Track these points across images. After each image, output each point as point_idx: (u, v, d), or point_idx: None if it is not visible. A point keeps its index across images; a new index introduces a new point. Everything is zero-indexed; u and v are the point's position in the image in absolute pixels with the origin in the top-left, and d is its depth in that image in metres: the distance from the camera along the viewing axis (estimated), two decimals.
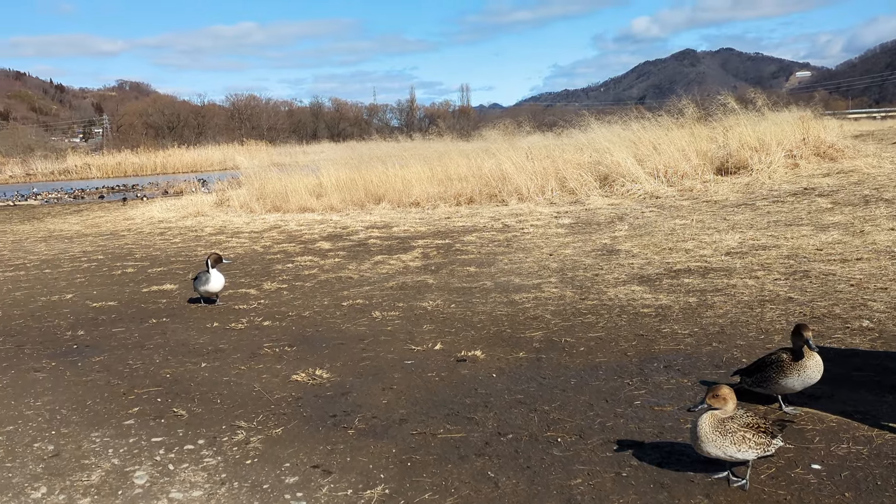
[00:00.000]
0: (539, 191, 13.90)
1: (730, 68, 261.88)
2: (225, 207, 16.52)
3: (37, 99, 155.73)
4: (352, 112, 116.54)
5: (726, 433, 3.00)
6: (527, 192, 13.86)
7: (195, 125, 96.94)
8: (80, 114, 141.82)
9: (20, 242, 13.15)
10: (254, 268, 8.92)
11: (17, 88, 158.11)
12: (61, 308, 7.24)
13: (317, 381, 4.62)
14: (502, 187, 14.22)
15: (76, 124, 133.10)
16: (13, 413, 4.33)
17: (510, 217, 12.06)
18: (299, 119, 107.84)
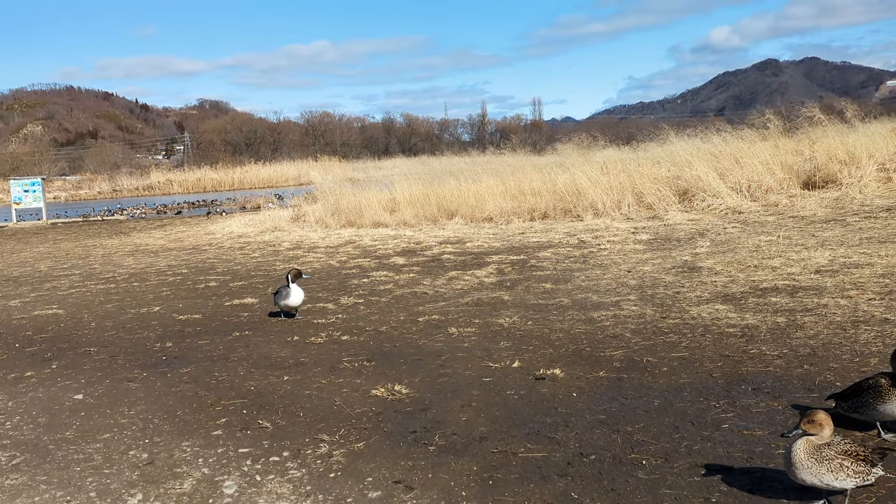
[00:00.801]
0: (615, 206, 13.71)
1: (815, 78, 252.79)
2: (301, 222, 16.89)
3: (123, 118, 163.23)
4: (423, 127, 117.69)
5: (823, 460, 2.87)
6: (602, 208, 13.68)
7: (271, 142, 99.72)
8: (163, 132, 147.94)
9: (109, 256, 13.74)
10: (330, 282, 9.08)
11: (105, 108, 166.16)
12: (150, 320, 7.51)
13: (396, 397, 4.65)
14: (577, 202, 14.08)
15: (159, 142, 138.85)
16: (109, 421, 4.51)
17: (586, 233, 11.92)
18: (371, 135, 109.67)
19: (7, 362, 6.12)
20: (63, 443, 4.18)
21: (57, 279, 10.96)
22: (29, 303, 9.00)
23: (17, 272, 12.12)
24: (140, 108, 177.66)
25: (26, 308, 8.63)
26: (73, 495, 3.49)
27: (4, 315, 8.27)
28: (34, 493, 3.54)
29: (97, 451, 4.03)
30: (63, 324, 7.60)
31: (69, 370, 5.75)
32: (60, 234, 20.73)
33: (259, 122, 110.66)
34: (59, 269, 12.27)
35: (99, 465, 3.84)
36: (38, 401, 5.01)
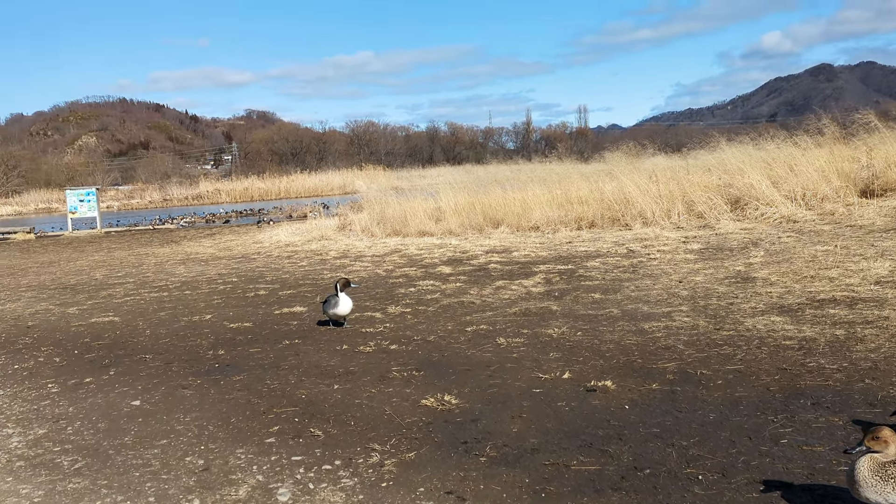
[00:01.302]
0: (665, 215, 13.51)
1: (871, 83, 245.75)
2: (347, 231, 17.05)
3: (173, 129, 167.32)
4: (467, 136, 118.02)
5: (888, 479, 2.78)
6: (651, 216, 13.49)
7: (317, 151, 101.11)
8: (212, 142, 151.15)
9: (162, 265, 14.04)
10: (377, 291, 9.14)
11: (156, 120, 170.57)
12: (202, 328, 7.65)
13: (446, 407, 4.64)
14: (625, 211, 13.92)
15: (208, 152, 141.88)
16: (166, 427, 4.60)
17: (635, 242, 11.78)
18: (416, 143, 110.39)
19: (67, 368, 6.30)
20: (122, 448, 4.28)
21: (112, 287, 11.24)
22: (86, 310, 9.24)
23: (74, 280, 12.47)
24: (190, 119, 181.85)
25: (84, 315, 8.87)
26: (133, 500, 3.57)
27: (63, 322, 8.51)
28: (96, 497, 3.63)
29: (155, 457, 4.11)
30: (119, 331, 7.79)
31: (126, 377, 5.89)
32: (114, 242, 21.28)
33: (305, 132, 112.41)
34: (113, 277, 12.59)
35: (157, 470, 3.92)
36: (98, 406, 5.13)
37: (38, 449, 4.35)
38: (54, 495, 3.67)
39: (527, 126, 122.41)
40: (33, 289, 11.71)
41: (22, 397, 5.48)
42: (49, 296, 10.77)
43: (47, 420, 4.89)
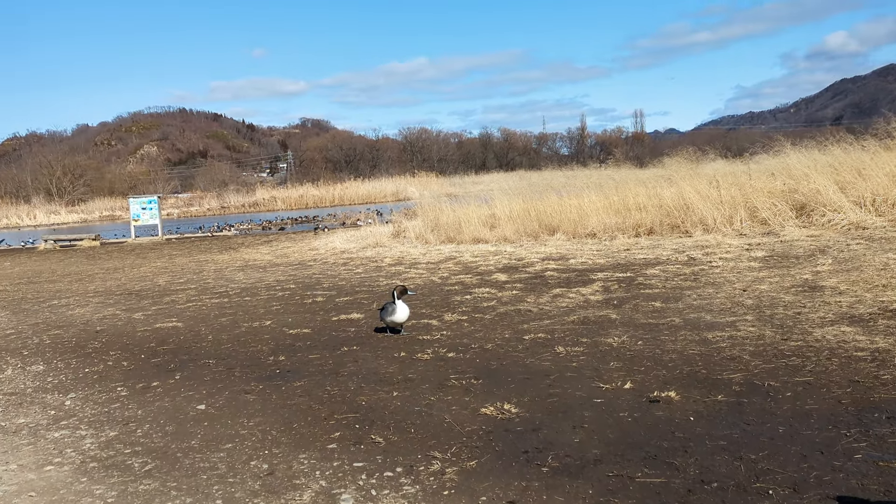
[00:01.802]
0: (726, 221, 13.19)
1: None
2: (401, 238, 17.14)
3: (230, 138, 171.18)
4: (521, 141, 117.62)
5: None
6: (713, 223, 13.19)
7: (370, 158, 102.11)
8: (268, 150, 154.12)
9: (221, 271, 14.35)
10: (433, 299, 9.16)
11: (214, 129, 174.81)
12: (262, 334, 7.78)
13: (506, 416, 4.62)
14: (685, 217, 13.63)
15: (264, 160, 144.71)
16: (231, 432, 4.69)
17: (695, 249, 11.55)
18: (468, 150, 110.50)
19: (135, 372, 6.48)
20: (189, 451, 4.38)
21: (174, 293, 11.52)
22: (151, 315, 9.50)
23: (139, 286, 12.83)
24: (246, 128, 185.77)
25: (148, 321, 9.12)
26: (202, 502, 3.64)
27: (129, 327, 8.76)
28: (166, 498, 3.72)
29: (221, 461, 4.19)
30: (182, 336, 7.97)
31: (191, 381, 6.03)
32: (175, 249, 21.84)
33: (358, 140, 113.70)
34: (175, 283, 12.91)
35: (223, 473, 4.00)
36: (165, 410, 5.27)
37: (109, 450, 4.48)
38: (126, 496, 3.78)
39: (581, 131, 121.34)
40: (100, 294, 12.08)
41: (93, 400, 5.66)
42: (115, 301, 11.10)
43: (118, 422, 5.03)
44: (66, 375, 6.53)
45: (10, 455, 4.50)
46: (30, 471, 4.22)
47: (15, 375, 6.66)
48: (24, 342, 8.24)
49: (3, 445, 4.69)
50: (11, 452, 4.55)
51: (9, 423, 5.17)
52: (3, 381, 6.45)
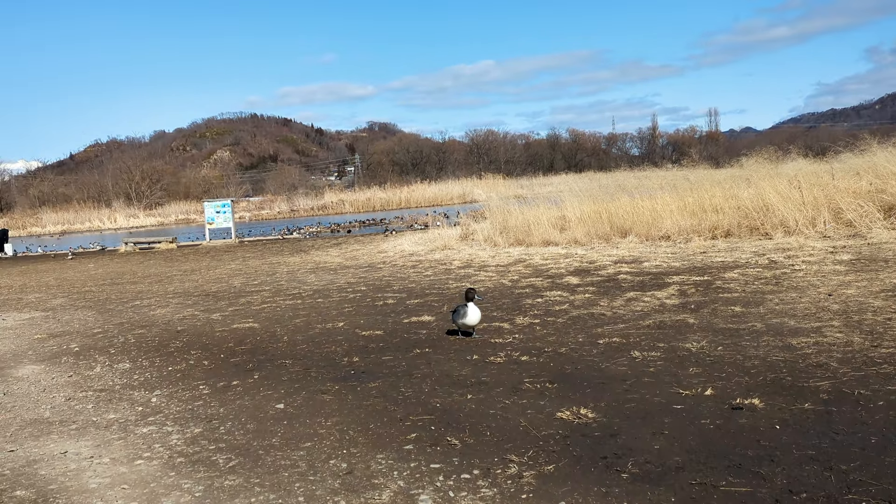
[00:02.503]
0: (809, 223, 12.71)
1: None
2: (469, 241, 17.15)
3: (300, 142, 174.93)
4: (589, 142, 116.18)
5: None
6: (794, 225, 12.73)
7: (436, 161, 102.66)
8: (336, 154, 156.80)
9: (293, 273, 14.64)
10: (504, 302, 9.12)
11: (284, 133, 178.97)
12: (336, 335, 7.90)
13: (582, 420, 4.56)
14: (765, 219, 13.20)
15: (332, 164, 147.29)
16: (309, 431, 4.78)
17: (776, 252, 11.17)
18: (536, 151, 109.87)
19: (215, 371, 6.67)
20: (271, 449, 4.48)
21: (249, 294, 11.82)
22: (228, 316, 9.76)
23: (215, 288, 13.21)
24: (315, 133, 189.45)
25: (226, 321, 9.37)
26: (284, 499, 3.72)
27: (208, 328, 9.02)
28: (250, 494, 3.81)
29: (301, 459, 4.27)
30: (259, 337, 8.16)
31: (269, 381, 6.16)
32: (247, 251, 22.42)
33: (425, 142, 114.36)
34: (250, 285, 13.24)
35: (304, 471, 4.07)
36: (245, 408, 5.40)
37: (195, 447, 4.62)
38: (213, 491, 3.89)
39: (653, 131, 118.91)
40: (179, 295, 12.49)
41: (177, 397, 5.85)
42: (193, 302, 11.45)
43: (201, 420, 5.19)
44: (150, 373, 6.77)
45: (103, 449, 4.69)
46: (121, 464, 4.39)
47: (104, 372, 6.94)
48: (110, 341, 8.58)
49: (96, 439, 4.90)
50: (104, 446, 4.75)
51: (100, 419, 5.39)
52: (93, 378, 6.73)
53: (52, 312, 11.44)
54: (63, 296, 13.72)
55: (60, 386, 6.50)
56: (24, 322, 10.62)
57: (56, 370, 7.17)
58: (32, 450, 4.76)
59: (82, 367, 7.25)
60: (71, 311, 11.48)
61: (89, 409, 5.66)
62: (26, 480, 4.22)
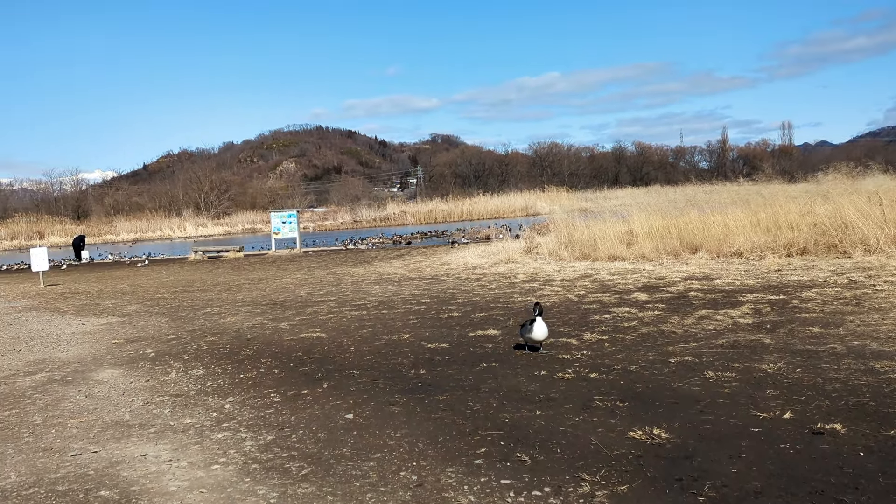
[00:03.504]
0: (892, 241, 12.17)
1: None
2: (533, 254, 17.04)
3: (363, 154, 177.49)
4: (656, 155, 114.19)
5: None
6: (875, 243, 12.24)
7: (499, 173, 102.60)
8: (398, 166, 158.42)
9: (358, 284, 14.80)
10: (570, 317, 9.03)
11: (348, 145, 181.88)
12: (402, 347, 7.94)
13: (655, 441, 4.47)
14: (843, 237, 12.73)
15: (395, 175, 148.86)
16: (379, 442, 4.81)
17: (856, 271, 10.76)
18: (601, 164, 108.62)
19: (285, 380, 6.79)
20: (341, 458, 4.53)
21: (316, 304, 11.99)
22: (295, 326, 9.92)
23: (282, 297, 13.46)
24: (378, 144, 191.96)
25: (294, 330, 9.53)
26: None
27: (277, 336, 9.18)
28: (323, 502, 3.86)
29: (372, 469, 4.30)
30: (326, 346, 8.27)
31: (337, 391, 6.24)
32: (312, 261, 22.78)
33: (487, 155, 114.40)
34: (316, 294, 13.44)
35: (375, 482, 4.10)
36: (315, 417, 5.48)
37: (268, 453, 4.71)
38: (287, 498, 3.95)
39: (722, 144, 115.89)
40: (248, 304, 12.76)
41: (249, 405, 5.97)
42: (262, 311, 11.68)
43: (273, 427, 5.29)
44: (223, 380, 6.94)
45: (181, 453, 4.83)
46: (199, 468, 4.50)
47: (178, 378, 7.15)
48: (184, 347, 8.83)
49: (174, 443, 5.04)
50: (181, 450, 4.88)
51: (177, 423, 5.55)
52: (168, 384, 6.93)
53: (127, 318, 11.85)
54: (137, 302, 14.19)
55: (138, 390, 6.72)
56: (102, 327, 11.02)
57: (134, 374, 7.41)
58: (114, 451, 4.93)
59: (158, 372, 7.48)
60: (146, 317, 11.86)
61: (166, 414, 5.83)
62: (110, 481, 4.37)
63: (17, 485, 4.39)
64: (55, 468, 4.65)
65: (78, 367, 7.96)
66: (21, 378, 7.51)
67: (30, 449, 5.09)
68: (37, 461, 4.82)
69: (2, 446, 5.19)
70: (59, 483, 4.38)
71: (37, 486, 4.36)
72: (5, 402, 6.53)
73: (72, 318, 12.30)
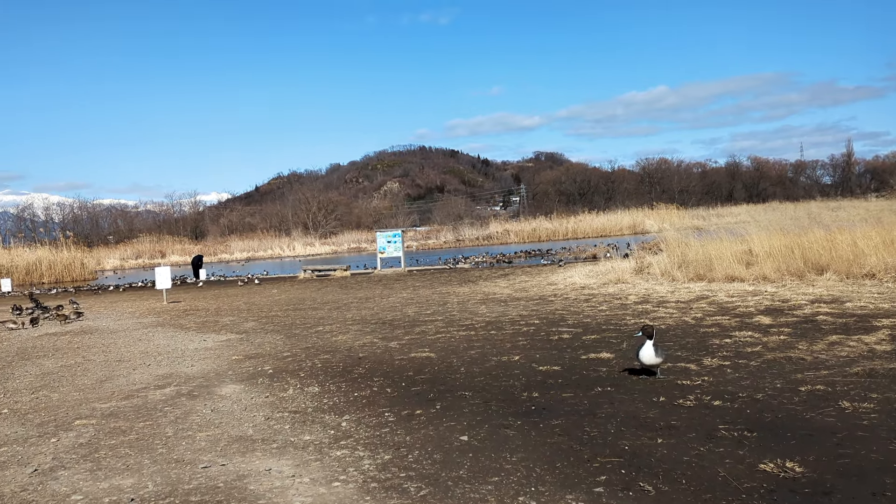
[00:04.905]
0: None
1: None
2: (644, 274, 16.56)
3: (466, 173, 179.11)
4: (774, 170, 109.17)
5: None
6: None
7: (605, 190, 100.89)
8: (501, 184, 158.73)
9: (464, 304, 14.81)
10: (688, 341, 8.70)
11: (451, 165, 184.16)
12: (512, 369, 7.86)
13: (789, 475, 4.21)
14: None
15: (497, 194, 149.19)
16: (495, 465, 4.77)
17: None
18: (713, 180, 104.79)
19: (398, 399, 6.85)
20: (459, 481, 4.51)
21: (424, 324, 12.08)
22: (405, 345, 10.02)
23: (390, 316, 13.64)
24: (481, 163, 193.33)
25: (403, 350, 9.62)
26: None
27: (387, 355, 9.30)
28: None
29: (490, 493, 4.26)
30: (436, 367, 8.30)
31: (450, 412, 6.24)
32: (417, 280, 23.02)
33: (593, 172, 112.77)
34: (423, 314, 13.55)
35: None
36: (430, 438, 5.49)
37: (386, 473, 4.75)
38: None
39: (847, 158, 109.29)
40: (357, 322, 13.01)
41: (365, 423, 6.06)
42: (371, 329, 11.88)
43: (389, 447, 5.34)
44: (338, 398, 7.08)
45: (302, 469, 4.95)
46: (320, 485, 4.60)
47: (296, 395, 7.35)
48: (299, 364, 9.08)
49: (295, 459, 5.18)
50: (303, 466, 5.00)
51: (297, 439, 5.70)
52: (286, 400, 7.15)
53: (245, 335, 12.33)
54: (253, 319, 14.76)
55: (259, 405, 6.96)
56: (221, 343, 11.52)
57: (254, 390, 7.69)
58: (240, 465, 5.11)
59: (276, 388, 7.72)
60: (262, 334, 12.31)
61: (286, 430, 6.00)
62: (238, 494, 4.52)
63: (154, 494, 4.62)
64: (188, 479, 4.87)
65: (202, 381, 8.34)
66: (152, 391, 7.94)
67: (164, 460, 5.36)
68: (171, 472, 5.06)
69: (139, 456, 5.49)
70: (193, 494, 4.57)
71: (172, 496, 4.57)
72: (140, 414, 6.91)
73: (194, 334, 12.92)
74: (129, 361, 10.16)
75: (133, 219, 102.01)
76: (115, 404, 7.40)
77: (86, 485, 4.91)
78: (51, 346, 12.49)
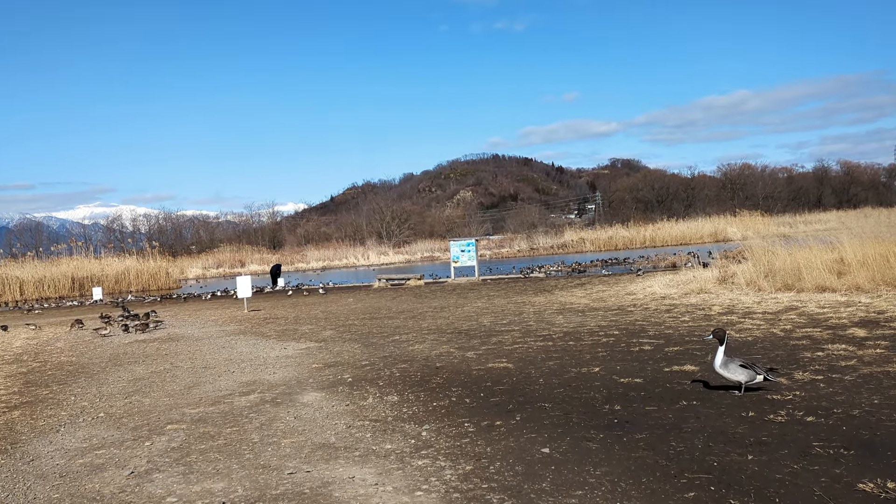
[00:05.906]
0: None
1: None
2: (728, 284, 16.04)
3: (540, 181, 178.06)
4: (866, 175, 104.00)
5: None
6: None
7: (684, 197, 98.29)
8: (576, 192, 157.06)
9: (540, 314, 14.67)
10: (777, 354, 8.38)
11: (524, 173, 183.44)
12: (592, 381, 7.74)
13: (891, 495, 4.00)
14: None
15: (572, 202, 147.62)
16: (579, 479, 4.70)
17: None
18: (800, 185, 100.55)
19: (477, 410, 6.84)
20: (542, 493, 4.46)
21: (500, 334, 12.03)
22: (482, 355, 10.00)
23: (466, 326, 13.64)
24: (555, 171, 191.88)
25: (480, 360, 9.60)
26: None
27: (464, 365, 9.30)
28: None
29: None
30: (514, 377, 8.25)
31: (530, 423, 6.19)
32: (491, 290, 22.93)
33: (671, 178, 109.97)
34: (499, 324, 13.49)
35: None
36: (511, 449, 5.46)
37: (468, 483, 4.75)
38: None
39: None
40: (433, 332, 13.06)
41: (445, 433, 6.08)
42: (447, 339, 11.90)
43: (470, 457, 5.33)
44: (417, 407, 7.12)
45: (385, 477, 5.00)
46: (403, 494, 4.63)
47: (375, 404, 7.44)
48: (377, 373, 9.19)
49: (377, 467, 5.24)
50: (385, 475, 5.05)
51: (378, 448, 5.76)
52: (367, 408, 7.24)
53: (324, 343, 12.55)
54: (331, 328, 15.01)
55: (340, 413, 7.07)
56: (301, 351, 11.76)
57: (334, 398, 7.82)
58: (325, 472, 5.21)
59: (356, 396, 7.83)
60: (339, 343, 12.51)
61: (368, 438, 6.08)
62: (324, 500, 4.61)
63: (243, 498, 4.75)
64: (275, 485, 4.99)
65: (285, 389, 8.53)
66: (237, 398, 8.17)
67: (251, 465, 5.51)
68: (258, 477, 5.19)
69: (228, 461, 5.66)
70: (280, 499, 4.68)
71: (261, 501, 4.69)
72: (227, 420, 7.13)
73: (274, 342, 13.25)
74: (214, 368, 10.50)
75: (214, 229, 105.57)
76: (203, 410, 7.66)
77: (179, 488, 5.09)
78: (140, 352, 13.04)
